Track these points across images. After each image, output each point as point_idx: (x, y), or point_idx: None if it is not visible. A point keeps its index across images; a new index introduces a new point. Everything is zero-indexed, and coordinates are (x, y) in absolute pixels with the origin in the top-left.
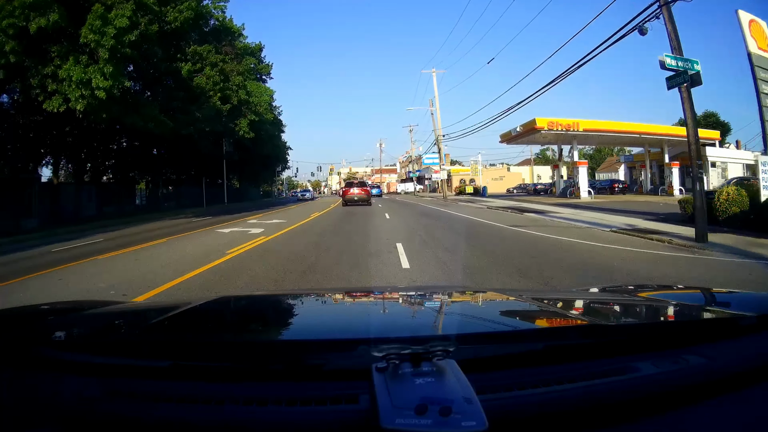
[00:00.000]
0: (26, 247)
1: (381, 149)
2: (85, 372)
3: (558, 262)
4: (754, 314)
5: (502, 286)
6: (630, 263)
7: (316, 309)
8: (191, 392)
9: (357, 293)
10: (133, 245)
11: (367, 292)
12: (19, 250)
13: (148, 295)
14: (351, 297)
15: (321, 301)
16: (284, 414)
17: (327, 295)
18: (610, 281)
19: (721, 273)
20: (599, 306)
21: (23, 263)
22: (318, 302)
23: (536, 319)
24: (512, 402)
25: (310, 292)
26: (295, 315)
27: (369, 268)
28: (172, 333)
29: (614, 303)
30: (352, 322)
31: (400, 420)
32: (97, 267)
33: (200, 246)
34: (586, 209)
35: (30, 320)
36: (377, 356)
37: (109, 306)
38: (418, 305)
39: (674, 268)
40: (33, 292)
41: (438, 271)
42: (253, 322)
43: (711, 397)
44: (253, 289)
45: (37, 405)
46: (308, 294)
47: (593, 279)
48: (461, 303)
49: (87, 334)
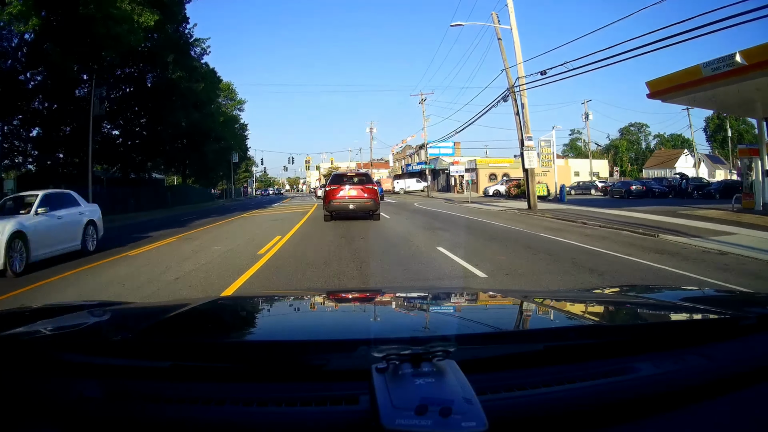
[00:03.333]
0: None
1: (372, 134)
2: (86, 373)
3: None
4: (754, 314)
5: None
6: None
7: (315, 309)
8: (191, 393)
9: (357, 294)
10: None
11: (367, 293)
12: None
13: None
14: (351, 297)
15: (321, 302)
16: (284, 414)
17: (327, 295)
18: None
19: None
20: (599, 306)
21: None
22: (318, 303)
23: (536, 320)
24: (512, 402)
25: (310, 293)
26: (295, 315)
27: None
28: (172, 334)
29: (614, 303)
30: (352, 322)
31: (401, 420)
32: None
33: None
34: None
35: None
36: (377, 357)
37: (109, 306)
38: (418, 306)
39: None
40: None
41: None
42: (253, 322)
43: (711, 397)
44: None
45: (38, 405)
46: (308, 295)
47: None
48: (461, 303)
49: (87, 334)
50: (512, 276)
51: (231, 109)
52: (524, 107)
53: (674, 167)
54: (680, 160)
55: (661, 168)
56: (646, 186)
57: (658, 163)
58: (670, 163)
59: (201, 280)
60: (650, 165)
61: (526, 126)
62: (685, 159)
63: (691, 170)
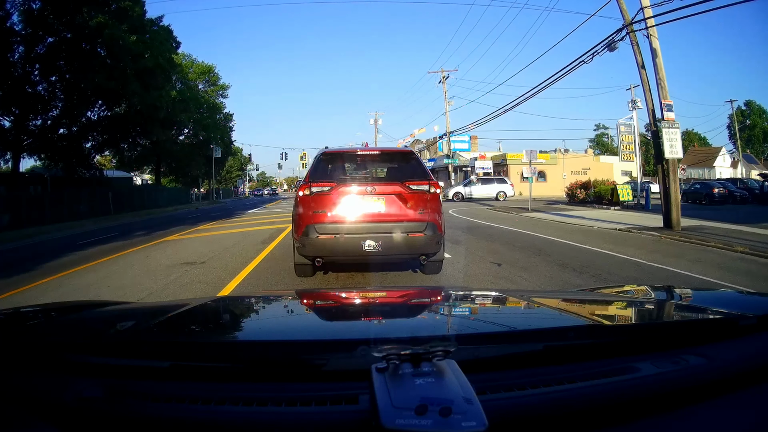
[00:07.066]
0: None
1: (377, 126)
2: (86, 372)
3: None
4: (754, 314)
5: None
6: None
7: (315, 309)
8: (191, 392)
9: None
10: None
11: (367, 293)
12: None
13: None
14: (350, 297)
15: (321, 302)
16: (284, 414)
17: (326, 295)
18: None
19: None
20: (599, 306)
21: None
22: (318, 302)
23: (536, 320)
24: (512, 402)
25: (310, 293)
26: (295, 315)
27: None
28: (171, 333)
29: (614, 303)
30: (351, 322)
31: (400, 420)
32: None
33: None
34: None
35: (29, 321)
36: (377, 356)
37: (108, 306)
38: (418, 305)
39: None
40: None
41: None
42: (253, 322)
43: (711, 397)
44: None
45: (37, 405)
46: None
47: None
48: (461, 303)
49: (87, 334)
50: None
51: (212, 95)
52: (656, 55)
53: (713, 166)
54: (718, 159)
55: (699, 167)
56: (727, 189)
57: (695, 162)
58: (708, 162)
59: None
60: (686, 164)
61: (663, 87)
62: (723, 159)
63: (729, 170)
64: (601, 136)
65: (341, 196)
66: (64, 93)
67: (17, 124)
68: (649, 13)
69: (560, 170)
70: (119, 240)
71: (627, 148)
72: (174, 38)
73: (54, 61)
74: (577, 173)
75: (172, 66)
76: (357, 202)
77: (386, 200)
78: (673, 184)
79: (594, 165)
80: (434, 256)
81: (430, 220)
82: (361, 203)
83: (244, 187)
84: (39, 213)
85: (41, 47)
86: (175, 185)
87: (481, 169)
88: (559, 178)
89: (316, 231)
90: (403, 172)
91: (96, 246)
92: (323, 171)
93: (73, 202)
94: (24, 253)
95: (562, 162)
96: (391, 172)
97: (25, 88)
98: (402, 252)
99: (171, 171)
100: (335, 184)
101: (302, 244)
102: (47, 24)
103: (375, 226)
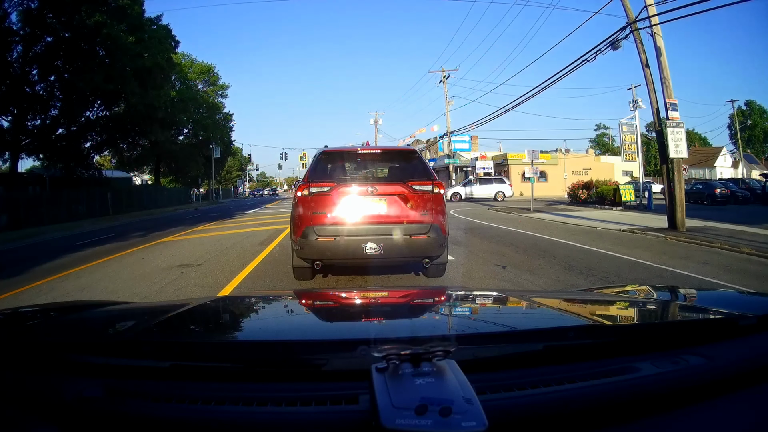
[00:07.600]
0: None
1: (377, 126)
2: (86, 372)
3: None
4: (754, 314)
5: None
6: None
7: (315, 309)
8: (191, 392)
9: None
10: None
11: (367, 293)
12: None
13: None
14: (351, 297)
15: (320, 302)
16: (284, 414)
17: (326, 295)
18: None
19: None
20: (599, 306)
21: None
22: (317, 303)
23: (536, 320)
24: (512, 402)
25: (310, 293)
26: (295, 315)
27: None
28: (171, 333)
29: (614, 303)
30: (351, 322)
31: (401, 420)
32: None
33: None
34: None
35: (29, 321)
36: (377, 356)
37: (108, 306)
38: (419, 306)
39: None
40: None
41: None
42: (253, 322)
43: (711, 397)
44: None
45: (37, 405)
46: (308, 294)
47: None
48: (461, 303)
49: (87, 334)
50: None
51: (212, 95)
52: (661, 53)
53: (714, 166)
54: (719, 159)
55: (700, 168)
56: (729, 189)
57: (696, 162)
58: (709, 162)
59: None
60: (687, 164)
61: (667, 86)
62: (724, 158)
63: (730, 170)
64: (601, 136)
65: (341, 196)
66: (63, 93)
67: (16, 124)
68: (653, 11)
69: (561, 170)
70: (117, 241)
71: (629, 148)
72: (173, 37)
73: (52, 61)
74: (578, 173)
75: (171, 65)
76: (358, 202)
77: (388, 201)
78: (678, 184)
79: (595, 165)
80: (438, 259)
81: (434, 222)
82: (362, 204)
83: (244, 187)
84: (37, 213)
85: (39, 47)
86: (175, 185)
87: (482, 169)
88: (560, 178)
89: (315, 233)
90: (405, 171)
91: (93, 247)
92: (323, 171)
93: (72, 202)
94: (20, 254)
95: (563, 162)
96: (393, 172)
97: (24, 87)
98: (404, 255)
99: (170, 171)
100: (335, 184)
101: (301, 247)
102: (45, 23)
103: (376, 227)
